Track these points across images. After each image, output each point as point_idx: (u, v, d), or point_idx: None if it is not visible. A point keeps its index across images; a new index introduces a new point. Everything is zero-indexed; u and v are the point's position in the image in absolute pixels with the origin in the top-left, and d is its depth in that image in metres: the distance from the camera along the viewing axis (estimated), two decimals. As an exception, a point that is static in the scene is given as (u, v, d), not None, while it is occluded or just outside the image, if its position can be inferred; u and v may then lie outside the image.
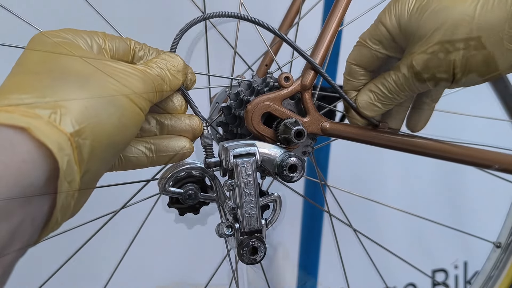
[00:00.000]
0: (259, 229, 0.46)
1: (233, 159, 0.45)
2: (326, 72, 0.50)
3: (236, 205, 0.46)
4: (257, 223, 0.46)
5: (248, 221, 0.46)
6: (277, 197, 0.48)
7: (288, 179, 0.47)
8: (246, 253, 0.46)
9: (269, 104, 0.47)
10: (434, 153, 0.53)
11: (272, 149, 0.47)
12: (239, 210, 0.46)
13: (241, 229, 0.46)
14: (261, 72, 0.64)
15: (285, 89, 0.48)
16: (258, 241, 0.46)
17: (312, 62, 0.48)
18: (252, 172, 0.45)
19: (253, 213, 0.46)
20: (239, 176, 0.45)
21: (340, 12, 0.50)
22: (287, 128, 0.46)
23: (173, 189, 0.48)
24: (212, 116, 0.57)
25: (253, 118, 0.47)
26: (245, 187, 0.45)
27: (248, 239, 0.46)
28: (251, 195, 0.46)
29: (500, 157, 0.57)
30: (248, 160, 0.45)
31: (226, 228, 0.45)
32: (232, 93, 0.51)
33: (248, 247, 0.46)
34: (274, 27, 0.47)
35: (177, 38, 0.45)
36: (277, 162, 0.46)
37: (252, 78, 0.52)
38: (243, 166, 0.45)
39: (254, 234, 0.46)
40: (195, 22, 0.46)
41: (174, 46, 0.45)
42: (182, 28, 0.46)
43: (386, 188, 1.31)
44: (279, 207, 0.48)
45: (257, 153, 0.45)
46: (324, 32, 0.50)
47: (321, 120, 0.50)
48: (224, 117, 0.52)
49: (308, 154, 0.52)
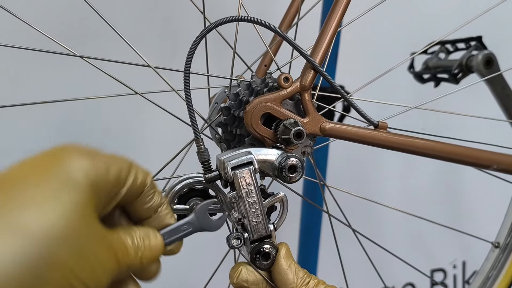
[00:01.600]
0: (269, 235, 0.47)
1: (231, 171, 0.45)
2: (326, 72, 0.50)
3: (242, 216, 0.46)
4: (265, 229, 0.46)
5: (256, 228, 0.46)
6: (283, 197, 0.48)
7: (288, 179, 0.47)
8: (259, 259, 0.46)
9: (269, 105, 0.47)
10: (432, 153, 0.54)
11: (269, 152, 0.47)
12: (245, 219, 0.46)
13: (251, 238, 0.46)
14: (261, 73, 0.64)
15: (284, 89, 0.48)
16: (270, 246, 0.46)
17: (312, 61, 0.48)
18: (252, 181, 0.45)
19: (260, 220, 0.46)
20: (240, 187, 0.45)
21: (340, 12, 0.51)
22: (287, 128, 0.47)
23: (178, 206, 0.48)
24: (211, 116, 0.57)
25: (252, 118, 0.47)
26: (248, 197, 0.45)
27: (259, 246, 0.46)
28: (255, 203, 0.46)
29: (498, 158, 0.57)
30: (246, 170, 0.45)
31: (235, 240, 0.46)
32: (232, 94, 0.51)
33: (260, 254, 0.46)
34: (278, 28, 0.47)
35: (191, 51, 0.45)
36: (275, 165, 0.47)
37: (252, 78, 0.52)
38: (242, 177, 0.45)
39: (265, 240, 0.46)
40: (206, 32, 0.46)
41: (190, 58, 0.44)
42: (195, 40, 0.45)
43: (385, 188, 1.31)
44: (286, 207, 0.48)
45: (254, 161, 0.45)
46: (324, 32, 0.50)
47: (321, 120, 0.50)
48: (223, 118, 0.52)
49: (307, 155, 0.52)
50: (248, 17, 0.47)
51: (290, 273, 0.46)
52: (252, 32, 0.55)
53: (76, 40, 0.94)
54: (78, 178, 0.33)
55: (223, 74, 0.55)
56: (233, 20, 0.46)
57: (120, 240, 0.36)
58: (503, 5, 0.69)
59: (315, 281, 0.46)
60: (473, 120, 0.79)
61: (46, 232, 0.30)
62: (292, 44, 0.48)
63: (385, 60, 1.09)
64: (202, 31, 0.45)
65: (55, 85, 0.95)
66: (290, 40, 0.48)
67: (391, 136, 0.52)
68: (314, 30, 0.58)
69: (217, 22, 0.45)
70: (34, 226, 0.30)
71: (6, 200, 0.30)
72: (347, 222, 0.64)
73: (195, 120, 0.45)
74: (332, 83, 0.50)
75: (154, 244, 0.39)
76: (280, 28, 0.71)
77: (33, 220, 0.30)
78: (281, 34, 0.48)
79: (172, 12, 1.04)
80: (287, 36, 0.48)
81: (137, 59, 0.54)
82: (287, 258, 0.47)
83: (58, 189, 0.32)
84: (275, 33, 0.48)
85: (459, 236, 0.84)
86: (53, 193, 0.31)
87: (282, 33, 0.48)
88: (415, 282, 1.34)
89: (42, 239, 0.29)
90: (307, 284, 0.46)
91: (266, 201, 0.47)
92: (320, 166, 1.03)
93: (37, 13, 0.91)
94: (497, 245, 0.74)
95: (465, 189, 1.38)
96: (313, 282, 0.46)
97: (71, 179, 0.33)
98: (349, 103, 0.51)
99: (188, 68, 0.45)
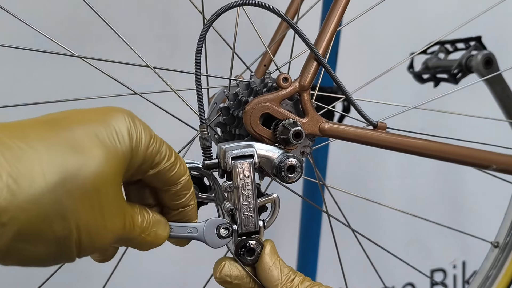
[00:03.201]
0: (257, 231, 0.46)
1: (231, 161, 0.44)
2: (325, 72, 0.50)
3: (234, 207, 0.46)
4: (255, 224, 0.46)
5: (246, 222, 0.46)
6: (276, 198, 0.48)
7: (287, 179, 0.47)
8: (243, 254, 0.46)
9: (268, 105, 0.47)
10: (432, 153, 0.54)
11: (271, 150, 0.47)
12: (237, 211, 0.46)
13: (239, 231, 0.46)
14: (260, 73, 0.64)
15: (283, 89, 0.48)
16: (255, 242, 0.46)
17: (316, 52, 0.48)
18: (250, 174, 0.45)
19: (251, 215, 0.46)
20: (237, 178, 0.45)
21: (339, 12, 0.51)
22: (286, 128, 0.47)
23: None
24: (210, 116, 0.57)
25: (251, 118, 0.47)
26: (243, 189, 0.45)
27: (245, 241, 0.46)
28: (249, 196, 0.45)
29: (498, 158, 0.57)
30: (246, 162, 0.45)
31: (223, 229, 0.45)
32: (231, 94, 0.51)
33: (246, 248, 0.46)
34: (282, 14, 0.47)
35: (198, 52, 0.46)
36: (275, 163, 0.46)
37: (251, 78, 0.52)
38: (241, 168, 0.45)
39: (252, 236, 0.46)
40: (206, 30, 0.46)
41: (198, 58, 0.46)
42: (199, 41, 0.46)
43: (384, 188, 1.31)
44: (278, 209, 0.48)
45: (255, 154, 0.45)
46: (323, 31, 0.50)
47: (320, 120, 0.50)
48: (222, 118, 0.52)
49: (307, 155, 0.52)
50: (252, 1, 0.46)
51: (275, 269, 0.46)
52: (251, 32, 0.55)
53: (75, 40, 0.95)
54: (124, 136, 0.35)
55: (222, 74, 0.55)
56: (236, 5, 0.46)
57: (133, 215, 0.38)
58: (503, 5, 0.69)
59: (300, 278, 0.46)
60: (473, 120, 0.79)
61: (80, 172, 0.32)
62: (297, 31, 0.48)
63: (385, 60, 1.09)
64: (207, 22, 0.45)
65: (54, 85, 0.95)
66: (295, 27, 0.48)
67: (390, 136, 0.52)
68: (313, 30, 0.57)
69: (223, 9, 0.45)
70: (74, 162, 0.32)
71: (59, 136, 0.32)
72: (346, 222, 0.63)
73: (202, 106, 0.46)
74: (333, 76, 0.50)
75: (159, 234, 0.41)
76: (279, 28, 0.71)
77: (77, 158, 0.32)
78: (287, 19, 0.47)
79: (171, 12, 1.04)
80: (294, 23, 0.48)
81: (136, 59, 0.54)
82: (272, 255, 0.46)
83: (104, 139, 0.34)
84: (281, 18, 0.47)
85: (459, 236, 0.84)
86: (98, 142, 0.34)
87: (287, 18, 0.47)
88: (415, 282, 1.34)
89: (75, 176, 0.32)
90: (292, 281, 0.46)
91: (259, 200, 0.47)
92: (319, 166, 1.03)
93: (36, 14, 0.90)
94: (497, 245, 0.74)
95: (464, 189, 1.38)
96: (298, 279, 0.46)
97: (118, 134, 0.35)
98: (349, 101, 0.51)
99: (199, 56, 0.45)
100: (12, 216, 0.29)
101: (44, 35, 0.50)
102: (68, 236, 0.31)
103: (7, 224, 0.29)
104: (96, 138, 0.34)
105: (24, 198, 0.29)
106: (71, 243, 0.32)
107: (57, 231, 0.31)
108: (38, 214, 0.30)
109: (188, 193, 0.42)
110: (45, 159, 0.31)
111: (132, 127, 0.36)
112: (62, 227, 0.31)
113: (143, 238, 0.40)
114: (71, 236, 0.32)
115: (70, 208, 0.31)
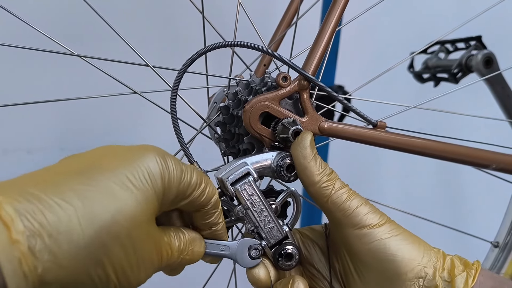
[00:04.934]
0: (285, 236, 0.47)
1: (231, 187, 0.45)
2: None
3: (254, 226, 0.46)
4: (280, 232, 0.47)
5: (271, 234, 0.46)
6: (293, 191, 0.49)
7: (287, 179, 0.47)
8: (283, 262, 0.46)
9: (267, 104, 0.47)
10: (432, 152, 0.53)
11: (263, 158, 0.47)
12: (259, 228, 0.46)
13: (268, 244, 0.46)
14: (259, 72, 0.64)
15: (283, 89, 0.48)
16: (290, 247, 0.46)
17: (304, 73, 0.48)
18: (254, 191, 0.45)
19: (273, 226, 0.46)
20: (244, 200, 0.45)
21: (338, 11, 0.50)
22: (285, 127, 0.47)
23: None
24: (210, 116, 0.57)
25: (251, 117, 0.47)
26: (254, 207, 0.46)
27: (279, 250, 0.46)
28: (263, 211, 0.46)
29: (498, 157, 0.57)
30: (245, 182, 0.45)
31: (255, 250, 0.45)
32: (230, 93, 0.51)
33: (282, 256, 0.46)
34: (262, 46, 0.47)
35: (181, 73, 0.46)
36: (273, 168, 0.47)
37: (250, 78, 0.52)
38: (244, 190, 0.45)
39: (283, 242, 0.47)
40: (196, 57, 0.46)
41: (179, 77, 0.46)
42: (186, 61, 0.46)
43: (384, 188, 1.31)
44: (299, 201, 0.49)
45: (251, 170, 0.45)
46: (321, 32, 0.50)
47: (319, 120, 0.50)
48: (222, 117, 0.52)
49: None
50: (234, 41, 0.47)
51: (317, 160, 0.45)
52: (251, 32, 0.55)
53: (75, 39, 0.94)
54: (156, 177, 0.36)
55: (222, 74, 0.55)
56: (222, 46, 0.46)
57: (169, 242, 0.40)
58: (503, 5, 0.69)
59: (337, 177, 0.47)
60: (473, 120, 0.79)
61: (114, 220, 0.33)
62: (278, 58, 0.48)
63: (385, 59, 1.09)
64: (181, 68, 0.46)
65: (54, 84, 0.95)
66: (277, 55, 0.48)
67: (390, 136, 0.52)
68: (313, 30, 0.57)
69: (198, 53, 0.46)
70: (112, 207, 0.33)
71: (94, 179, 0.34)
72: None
73: (186, 146, 0.47)
74: (327, 90, 0.50)
75: (196, 251, 0.42)
76: (279, 28, 0.71)
77: (113, 202, 0.33)
78: (267, 51, 0.47)
79: (171, 11, 1.04)
80: (277, 53, 0.48)
81: (136, 59, 0.54)
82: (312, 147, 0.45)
83: (137, 183, 0.35)
84: (263, 52, 0.47)
85: (459, 236, 0.83)
86: (131, 187, 0.34)
87: (268, 50, 0.48)
88: (415, 282, 1.34)
89: (110, 226, 0.33)
90: (329, 174, 0.46)
91: (278, 200, 0.48)
92: (319, 165, 1.02)
93: (36, 13, 0.91)
94: (497, 245, 0.74)
95: (464, 189, 1.38)
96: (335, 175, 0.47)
97: (150, 176, 0.36)
98: (345, 106, 0.51)
99: (177, 85, 0.45)
100: (55, 275, 0.30)
101: (44, 34, 0.50)
102: (106, 282, 0.33)
103: (52, 283, 0.30)
104: (128, 183, 0.34)
105: (65, 257, 0.31)
106: (110, 287, 0.34)
107: (96, 280, 0.32)
108: (78, 268, 0.31)
109: (217, 212, 0.43)
110: (80, 214, 0.32)
111: (163, 167, 0.37)
112: (100, 275, 0.32)
113: (182, 259, 0.41)
114: (109, 282, 0.33)
115: (106, 258, 0.33)
